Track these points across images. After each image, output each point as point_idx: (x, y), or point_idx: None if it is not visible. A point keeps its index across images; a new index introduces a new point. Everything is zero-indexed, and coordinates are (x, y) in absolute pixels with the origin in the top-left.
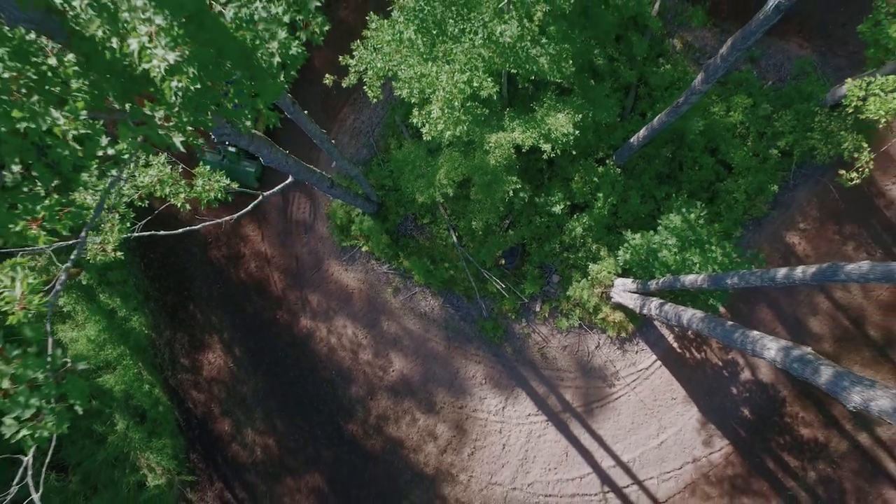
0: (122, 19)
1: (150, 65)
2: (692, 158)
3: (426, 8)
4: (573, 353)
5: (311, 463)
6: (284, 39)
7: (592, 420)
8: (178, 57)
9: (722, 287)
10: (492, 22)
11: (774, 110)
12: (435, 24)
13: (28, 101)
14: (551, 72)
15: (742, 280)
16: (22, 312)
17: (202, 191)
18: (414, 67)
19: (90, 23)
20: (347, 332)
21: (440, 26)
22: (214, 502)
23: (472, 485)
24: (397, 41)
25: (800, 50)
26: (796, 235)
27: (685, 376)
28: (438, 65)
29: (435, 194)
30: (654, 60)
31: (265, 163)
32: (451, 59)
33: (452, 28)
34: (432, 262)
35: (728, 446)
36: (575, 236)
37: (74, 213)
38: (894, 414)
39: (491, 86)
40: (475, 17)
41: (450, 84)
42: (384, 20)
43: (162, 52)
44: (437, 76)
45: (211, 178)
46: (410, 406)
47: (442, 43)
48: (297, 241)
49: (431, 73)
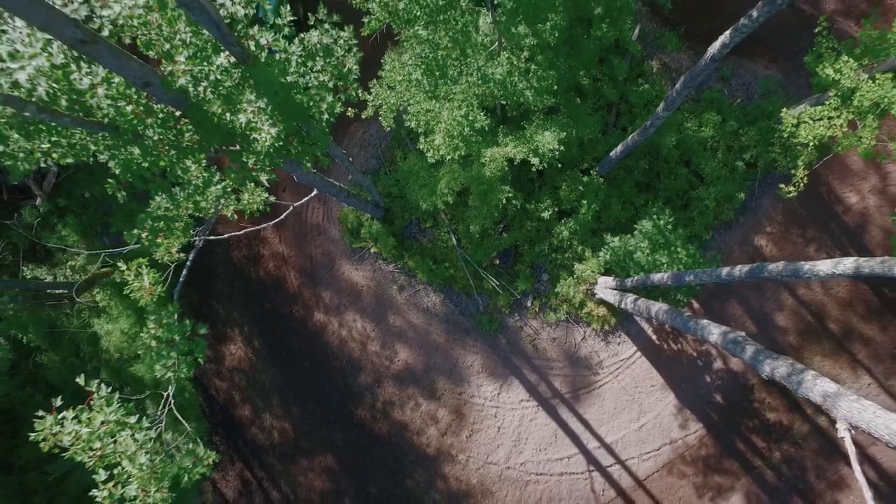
0: (235, 101)
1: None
2: (668, 169)
3: (431, 54)
4: (561, 344)
5: (323, 445)
6: (331, 102)
7: (579, 405)
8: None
9: (682, 283)
10: (485, 65)
11: (740, 126)
12: (438, 68)
13: (169, 155)
14: (535, 102)
15: (696, 277)
16: (150, 297)
17: (247, 203)
18: (420, 104)
19: (212, 103)
20: (357, 325)
21: (442, 70)
22: (235, 481)
23: (469, 464)
24: (407, 81)
25: (766, 70)
26: (763, 238)
27: (663, 366)
28: (441, 102)
29: (437, 202)
30: (634, 80)
31: (297, 180)
32: (451, 97)
33: (452, 72)
34: (434, 262)
35: (702, 429)
36: (562, 239)
37: (187, 226)
38: (789, 377)
39: (483, 119)
40: (471, 62)
41: (450, 118)
42: (396, 62)
43: (267, 126)
44: (439, 112)
45: (254, 192)
46: (414, 392)
47: (443, 84)
48: (312, 243)
49: (435, 108)
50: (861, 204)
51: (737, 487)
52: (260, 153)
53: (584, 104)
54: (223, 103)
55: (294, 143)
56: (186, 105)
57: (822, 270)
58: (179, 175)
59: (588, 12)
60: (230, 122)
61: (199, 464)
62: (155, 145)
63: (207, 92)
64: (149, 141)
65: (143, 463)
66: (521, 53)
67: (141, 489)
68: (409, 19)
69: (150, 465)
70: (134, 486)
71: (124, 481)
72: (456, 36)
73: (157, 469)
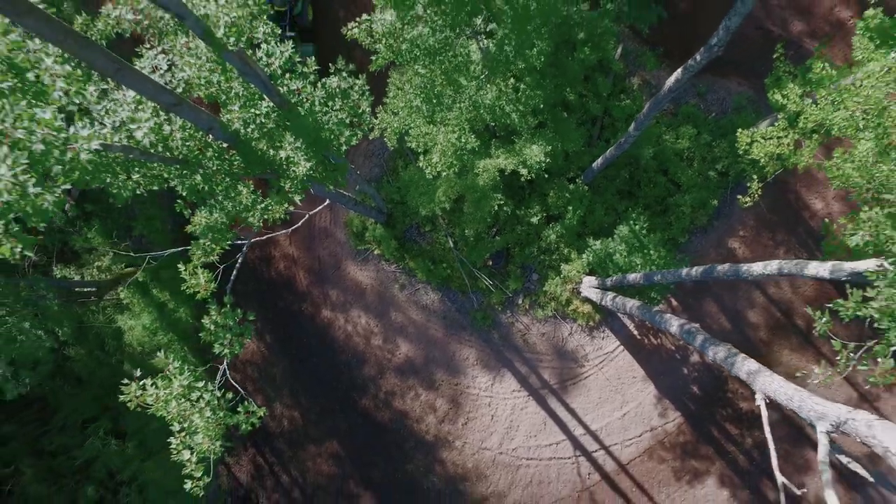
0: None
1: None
2: (647, 178)
3: (429, 84)
4: (550, 338)
5: (330, 432)
6: (348, 135)
7: (566, 395)
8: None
9: (652, 282)
10: (475, 94)
11: (713, 139)
12: (434, 97)
13: (224, 181)
14: (520, 124)
15: (663, 277)
16: (205, 292)
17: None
18: (420, 127)
19: (258, 140)
20: (361, 321)
21: (438, 98)
22: (248, 465)
23: (465, 449)
24: (408, 108)
25: (738, 87)
26: (737, 241)
27: (644, 359)
28: (437, 126)
29: (435, 208)
30: (617, 96)
31: (313, 192)
32: (446, 122)
33: (447, 100)
34: (433, 263)
35: (680, 418)
36: (550, 242)
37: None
38: (726, 360)
39: (473, 141)
40: (463, 91)
41: (445, 140)
42: (400, 90)
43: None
44: (436, 134)
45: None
46: (414, 383)
47: (439, 111)
48: (319, 246)
49: (432, 132)
50: (826, 210)
51: (712, 471)
52: (296, 180)
53: (570, 118)
54: (266, 141)
55: (320, 170)
56: (237, 142)
57: (756, 271)
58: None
59: (572, 37)
60: (272, 156)
61: (254, 416)
62: (214, 174)
63: (254, 132)
64: (209, 170)
65: (209, 417)
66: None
67: (206, 437)
68: (410, 58)
69: (215, 417)
70: (200, 436)
71: (192, 432)
72: (449, 72)
73: (220, 421)
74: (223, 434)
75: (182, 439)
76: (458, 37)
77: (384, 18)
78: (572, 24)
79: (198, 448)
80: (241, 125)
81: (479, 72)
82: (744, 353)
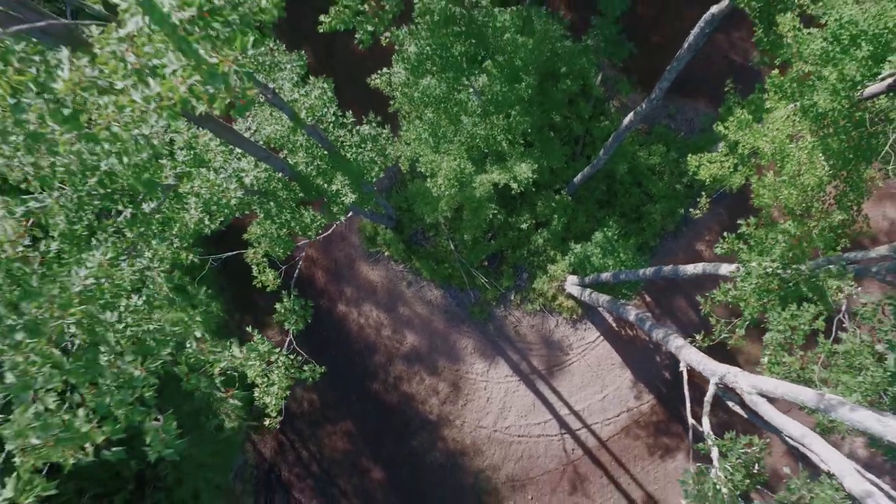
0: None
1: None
2: (623, 189)
3: (435, 121)
4: (538, 330)
5: (344, 413)
6: (377, 171)
7: (553, 380)
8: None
9: (618, 280)
10: (472, 129)
11: (680, 156)
12: (440, 131)
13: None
14: (510, 151)
15: (626, 276)
16: (273, 285)
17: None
18: (428, 156)
19: (315, 177)
20: (373, 315)
21: (443, 133)
22: (272, 442)
23: (464, 427)
24: (418, 140)
25: (705, 109)
26: (703, 245)
27: (621, 348)
28: (441, 156)
29: (438, 216)
30: (597, 118)
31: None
32: (448, 152)
33: (450, 134)
34: (436, 263)
35: (653, 400)
36: (538, 245)
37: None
38: (664, 338)
39: (471, 168)
40: (462, 127)
41: (448, 167)
42: (411, 124)
43: (350, 194)
44: (440, 162)
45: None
46: (419, 370)
47: (444, 143)
48: (336, 248)
49: (437, 160)
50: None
51: (681, 447)
52: (343, 206)
53: (555, 138)
54: (322, 177)
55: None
56: (299, 178)
57: (689, 271)
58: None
59: (556, 70)
60: (326, 188)
61: (315, 372)
62: (284, 202)
63: (312, 171)
64: (280, 198)
65: (283, 373)
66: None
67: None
68: (421, 104)
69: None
70: (276, 388)
71: (269, 385)
72: (451, 116)
73: (292, 376)
74: (289, 386)
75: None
76: (458, 92)
77: (399, 72)
78: (556, 59)
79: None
80: (304, 166)
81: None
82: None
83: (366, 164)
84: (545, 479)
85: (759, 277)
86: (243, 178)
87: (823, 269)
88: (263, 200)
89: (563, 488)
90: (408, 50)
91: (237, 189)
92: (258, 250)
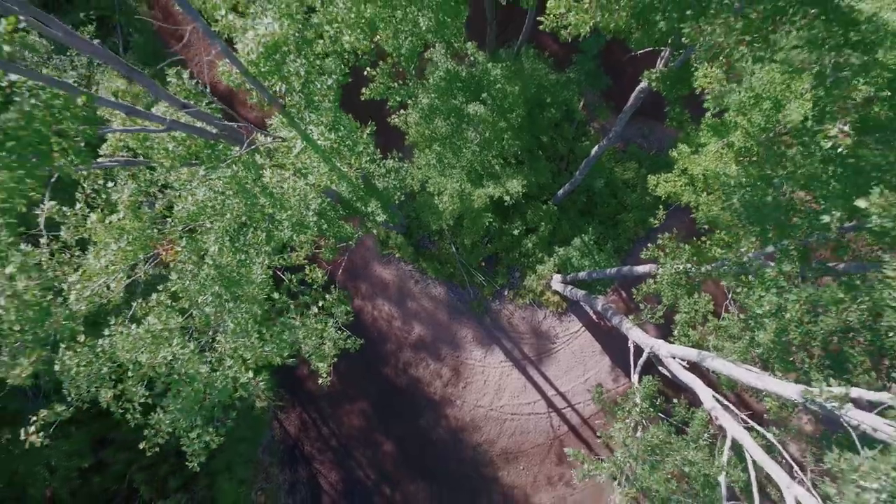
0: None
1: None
2: (602, 200)
3: (441, 152)
4: (529, 321)
5: (360, 394)
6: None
7: (541, 365)
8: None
9: (592, 278)
10: (472, 157)
11: (650, 171)
12: (445, 159)
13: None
14: (502, 173)
15: (598, 275)
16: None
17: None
18: (435, 178)
19: (353, 202)
20: (385, 308)
21: (449, 161)
22: (296, 420)
23: (464, 407)
24: (427, 165)
25: (674, 131)
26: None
27: (601, 338)
28: (446, 179)
29: (442, 224)
30: (580, 139)
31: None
32: (451, 176)
33: (453, 163)
34: (440, 264)
35: (628, 383)
36: (528, 249)
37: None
38: (620, 324)
39: (470, 188)
40: (463, 155)
41: (451, 188)
42: (423, 153)
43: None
44: (446, 184)
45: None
46: (425, 356)
47: (448, 169)
48: (353, 250)
49: (443, 181)
50: None
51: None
52: (376, 223)
53: (542, 156)
54: (358, 202)
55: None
56: (342, 201)
57: (641, 270)
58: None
59: (542, 100)
60: (363, 209)
61: (356, 343)
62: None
63: (351, 196)
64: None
65: (336, 337)
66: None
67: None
68: (431, 139)
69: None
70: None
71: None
72: (455, 148)
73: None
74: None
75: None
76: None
77: (414, 114)
78: (542, 91)
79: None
80: (346, 193)
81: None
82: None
83: (391, 191)
84: (535, 452)
85: (670, 276)
86: (311, 204)
87: (717, 269)
88: (320, 221)
89: (551, 459)
90: (421, 101)
91: (312, 214)
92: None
